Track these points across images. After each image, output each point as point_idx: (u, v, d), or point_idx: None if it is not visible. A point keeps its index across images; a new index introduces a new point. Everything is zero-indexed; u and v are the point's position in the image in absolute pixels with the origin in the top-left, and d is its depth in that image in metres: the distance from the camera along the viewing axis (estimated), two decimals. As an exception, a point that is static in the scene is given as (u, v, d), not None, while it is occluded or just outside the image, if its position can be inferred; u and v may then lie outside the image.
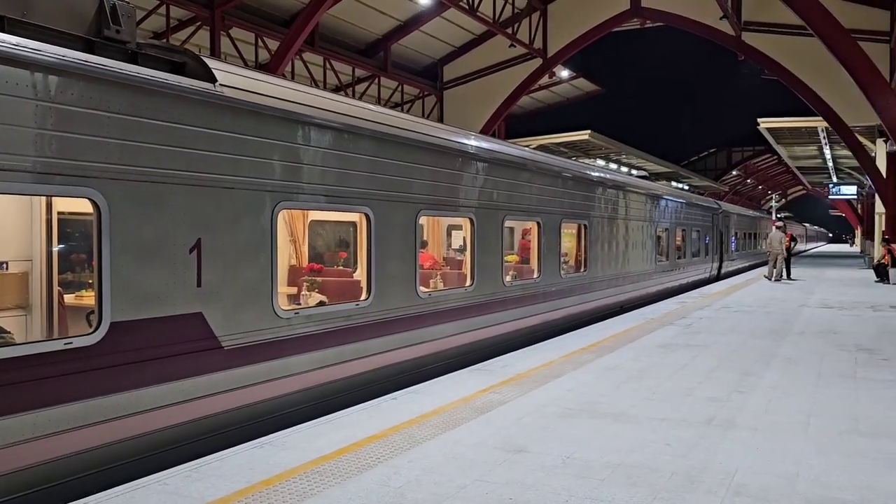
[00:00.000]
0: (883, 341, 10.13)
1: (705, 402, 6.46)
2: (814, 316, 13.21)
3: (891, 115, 14.64)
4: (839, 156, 40.39)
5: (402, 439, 5.29)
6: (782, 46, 24.86)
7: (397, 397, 6.62)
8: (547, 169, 11.41)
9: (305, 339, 6.28)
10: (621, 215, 15.16)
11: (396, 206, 7.57)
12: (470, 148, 9.11)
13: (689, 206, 22.44)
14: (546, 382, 7.27)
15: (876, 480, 4.46)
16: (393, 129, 7.54)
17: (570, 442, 5.25)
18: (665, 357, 8.79)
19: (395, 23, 25.32)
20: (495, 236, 9.67)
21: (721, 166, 67.70)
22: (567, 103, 35.86)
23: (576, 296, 12.60)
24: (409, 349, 7.83)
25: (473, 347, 9.21)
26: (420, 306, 7.97)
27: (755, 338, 10.43)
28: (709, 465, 4.72)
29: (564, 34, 27.62)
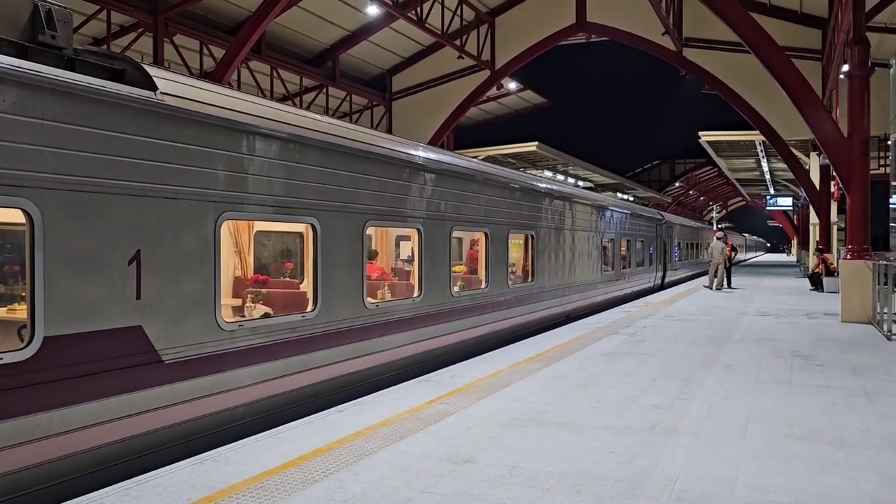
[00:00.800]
0: (817, 348, 10.48)
1: (649, 410, 6.57)
2: (753, 324, 13.59)
3: (823, 130, 15.19)
4: (776, 168, 41.77)
5: (349, 452, 5.24)
6: (721, 62, 25.61)
7: (344, 410, 6.55)
8: (494, 180, 11.50)
9: (250, 351, 6.18)
10: (568, 226, 15.37)
11: (343, 216, 7.52)
12: (418, 159, 9.13)
13: (634, 216, 22.90)
14: (493, 392, 7.30)
15: (810, 483, 4.60)
16: (340, 139, 7.50)
17: (516, 451, 5.28)
18: (610, 366, 8.92)
19: (343, 33, 25.22)
20: (443, 247, 9.69)
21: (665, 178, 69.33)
22: (515, 115, 36.22)
23: (523, 306, 12.70)
24: (357, 361, 7.77)
25: (422, 358, 9.20)
26: (367, 317, 7.92)
27: (697, 345, 10.67)
28: (651, 472, 4.80)
29: (512, 47, 27.92)
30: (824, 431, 5.83)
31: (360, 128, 8.52)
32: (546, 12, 27.14)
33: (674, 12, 25.05)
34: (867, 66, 14.21)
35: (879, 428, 5.90)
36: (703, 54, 25.98)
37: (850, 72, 14.34)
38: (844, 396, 7.16)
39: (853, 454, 5.19)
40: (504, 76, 28.74)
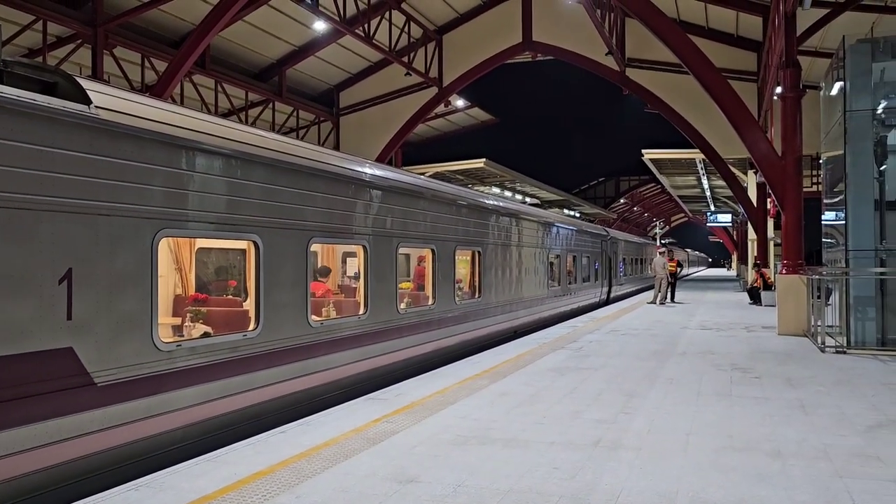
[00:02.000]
0: (755, 360, 10.76)
1: (593, 425, 6.62)
2: (694, 337, 13.89)
3: (758, 149, 15.71)
4: (716, 185, 43.05)
5: (291, 474, 5.13)
6: (663, 83, 26.34)
7: (287, 430, 6.43)
8: (441, 197, 11.53)
9: (188, 372, 6.01)
10: (515, 242, 15.49)
11: (287, 233, 7.42)
12: (364, 175, 9.09)
13: (580, 233, 23.23)
14: (440, 410, 7.26)
15: (748, 494, 4.69)
16: (284, 155, 7.41)
17: (461, 470, 5.25)
18: (556, 381, 8.98)
19: (289, 48, 25.08)
20: (389, 264, 9.64)
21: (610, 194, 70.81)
22: (463, 132, 36.49)
23: (470, 322, 12.72)
24: (301, 380, 7.64)
25: (368, 376, 9.11)
26: (312, 335, 7.81)
27: (641, 360, 10.84)
28: (595, 487, 4.83)
29: (459, 64, 28.18)
30: (761, 443, 5.96)
31: (306, 144, 8.44)
32: (493, 31, 27.52)
33: (617, 33, 25.67)
34: (799, 88, 14.77)
35: (813, 439, 6.07)
36: (646, 74, 26.68)
37: (783, 94, 14.89)
38: (780, 408, 7.34)
39: (788, 465, 5.32)
40: (451, 93, 28.98)
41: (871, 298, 11.98)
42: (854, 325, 12.04)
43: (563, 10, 25.94)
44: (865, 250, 12.02)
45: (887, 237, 12.23)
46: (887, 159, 12.41)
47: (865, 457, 5.52)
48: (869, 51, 12.20)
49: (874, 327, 11.96)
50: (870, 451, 5.67)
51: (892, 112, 12.51)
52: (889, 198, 12.38)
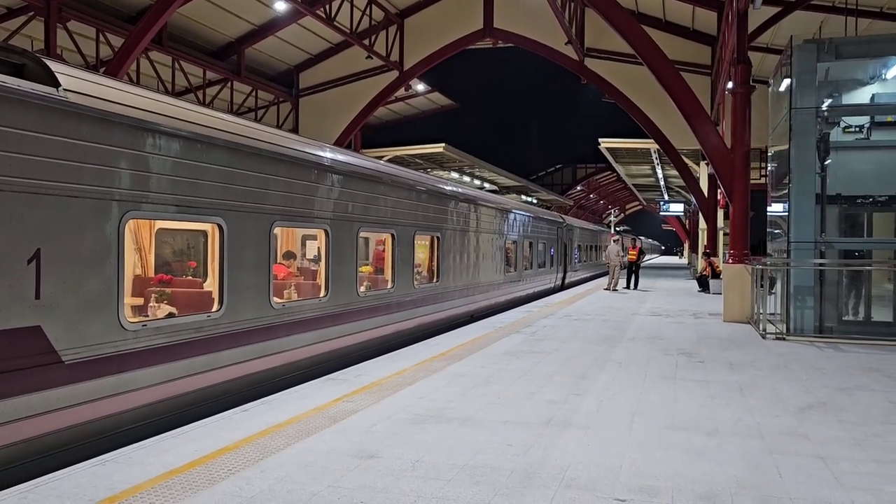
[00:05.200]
0: (700, 346, 11.26)
1: (545, 405, 6.95)
2: (644, 323, 14.39)
3: (709, 141, 16.24)
4: (669, 175, 43.96)
5: (255, 450, 5.32)
6: (620, 73, 26.80)
7: (250, 409, 6.60)
8: (402, 182, 11.71)
9: (153, 351, 6.14)
10: (473, 228, 15.77)
11: (250, 216, 7.55)
12: (326, 160, 9.22)
13: (537, 219, 23.64)
14: (398, 390, 7.51)
15: (686, 469, 5.05)
16: (248, 139, 7.52)
17: (419, 447, 5.50)
18: (510, 363, 9.30)
19: (249, 26, 24.79)
20: (350, 247, 9.82)
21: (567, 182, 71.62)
22: (423, 116, 36.57)
23: (429, 305, 12.97)
24: (263, 360, 7.80)
25: (328, 357, 9.30)
26: (273, 317, 7.97)
27: (592, 344, 11.24)
28: (545, 463, 5.14)
29: (420, 49, 28.23)
30: (701, 423, 6.35)
31: (269, 128, 8.54)
32: (455, 16, 27.60)
33: (576, 23, 26.00)
34: (749, 83, 15.29)
35: (748, 419, 6.49)
36: (604, 64, 27.10)
37: (734, 89, 15.40)
38: (721, 391, 7.78)
39: (724, 443, 5.71)
40: (412, 77, 29.01)
41: (811, 288, 12.60)
42: (794, 313, 12.65)
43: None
44: (806, 242, 12.61)
45: (826, 230, 12.86)
46: (829, 155, 13.01)
47: (795, 435, 5.95)
48: (815, 51, 12.73)
49: (812, 315, 12.58)
50: (800, 431, 6.10)
51: (835, 110, 13.09)
52: (829, 192, 13.00)
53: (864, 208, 13.79)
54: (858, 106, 13.43)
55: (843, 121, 13.32)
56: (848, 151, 13.27)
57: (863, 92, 13.55)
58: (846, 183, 13.14)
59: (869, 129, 13.37)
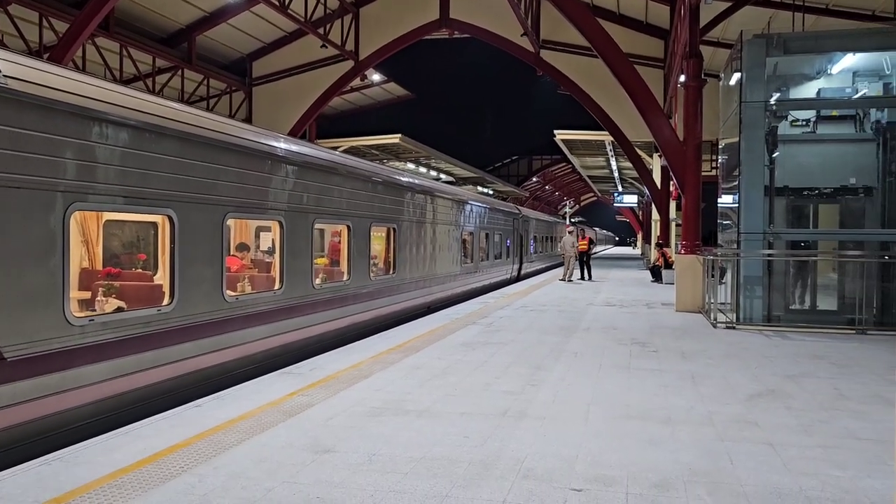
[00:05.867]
0: (653, 335, 11.44)
1: (502, 396, 6.97)
2: (599, 313, 14.57)
3: (662, 134, 16.49)
4: (623, 167, 44.54)
5: (208, 446, 5.22)
6: (575, 65, 27.02)
7: (203, 404, 6.47)
8: (357, 173, 11.61)
9: (101, 347, 5.96)
10: (429, 219, 15.73)
11: (202, 208, 7.38)
12: (280, 150, 9.07)
13: (493, 210, 23.72)
14: (354, 383, 7.45)
15: (640, 457, 5.12)
16: (199, 129, 7.34)
17: (376, 440, 5.47)
18: (467, 355, 9.31)
19: (200, 13, 24.25)
20: (305, 239, 9.69)
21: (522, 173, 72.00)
22: (379, 106, 36.33)
23: (385, 297, 12.91)
24: (216, 354, 7.66)
25: (283, 350, 9.18)
26: (227, 310, 7.82)
27: (548, 334, 11.33)
28: (502, 454, 5.15)
29: (376, 38, 28.02)
30: (655, 411, 6.45)
31: (221, 118, 8.36)
32: (410, 6, 27.46)
33: (532, 15, 26.10)
34: (701, 77, 15.55)
35: (700, 407, 6.61)
36: (559, 57, 27.29)
37: (686, 82, 15.65)
38: (674, 379, 7.91)
39: (677, 431, 5.80)
40: (368, 67, 28.79)
41: (759, 278, 12.91)
42: (743, 303, 12.95)
43: (480, -12, 26.15)
44: (756, 233, 12.90)
45: (775, 221, 13.18)
46: (777, 148, 13.33)
47: (745, 422, 6.08)
48: (764, 45, 13.00)
49: (761, 305, 12.90)
50: (749, 418, 6.24)
51: (783, 104, 13.41)
52: (777, 184, 13.33)
53: (811, 200, 14.17)
54: (805, 100, 13.79)
55: (790, 114, 13.66)
56: (795, 144, 13.62)
57: (809, 86, 13.90)
58: (793, 175, 13.49)
59: (815, 122, 13.73)
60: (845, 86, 13.69)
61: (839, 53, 13.22)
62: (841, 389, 7.45)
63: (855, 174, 13.50)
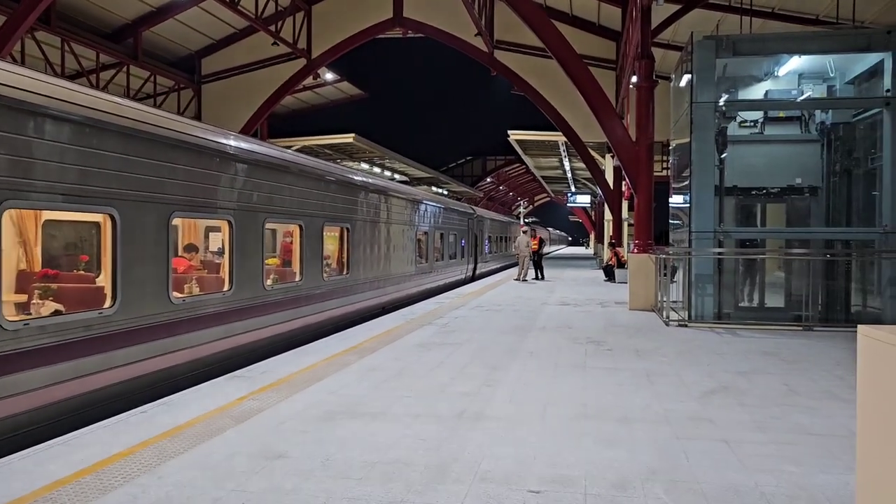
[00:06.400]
0: (608, 334, 11.49)
1: (458, 397, 6.87)
2: (554, 313, 14.60)
3: (615, 134, 16.65)
4: (576, 167, 44.97)
5: (152, 455, 4.99)
6: (529, 66, 27.16)
7: (148, 410, 6.21)
8: (310, 172, 11.38)
9: (37, 352, 5.66)
10: (383, 219, 15.56)
11: (146, 206, 7.10)
12: (229, 148, 8.82)
13: (447, 210, 23.65)
14: (307, 386, 7.26)
15: (598, 457, 5.07)
16: (144, 124, 7.06)
17: (329, 444, 5.31)
18: (423, 356, 9.19)
19: (146, 8, 23.61)
20: (255, 239, 9.44)
21: (477, 173, 72.18)
22: (332, 105, 35.96)
23: (339, 298, 12.71)
24: (162, 358, 7.38)
25: (233, 353, 8.93)
26: (173, 313, 7.55)
27: (504, 334, 11.28)
28: (458, 457, 5.05)
29: (329, 37, 27.70)
30: (611, 410, 6.43)
31: (168, 114, 8.07)
32: (363, 4, 27.24)
33: (486, 15, 26.13)
34: (652, 78, 15.74)
35: (656, 405, 6.62)
36: (513, 57, 27.39)
37: (638, 83, 15.82)
38: (629, 377, 7.93)
39: (634, 430, 5.78)
40: (321, 66, 28.46)
41: (710, 276, 13.09)
42: (695, 301, 13.11)
43: (434, -12, 26.08)
44: (706, 232, 13.07)
45: (724, 220, 13.40)
46: (727, 148, 13.55)
47: (700, 420, 6.10)
48: (714, 47, 13.18)
49: (712, 302, 13.08)
50: (704, 415, 6.26)
51: (732, 105, 13.64)
52: (727, 184, 13.55)
53: (759, 199, 14.47)
54: (752, 101, 14.06)
55: (739, 115, 13.90)
56: (743, 145, 13.86)
57: (757, 88, 14.18)
58: (742, 175, 13.73)
59: (763, 123, 14.01)
60: (791, 88, 14.01)
61: (786, 56, 13.49)
62: (791, 385, 7.56)
63: (800, 174, 13.81)
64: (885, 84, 12.78)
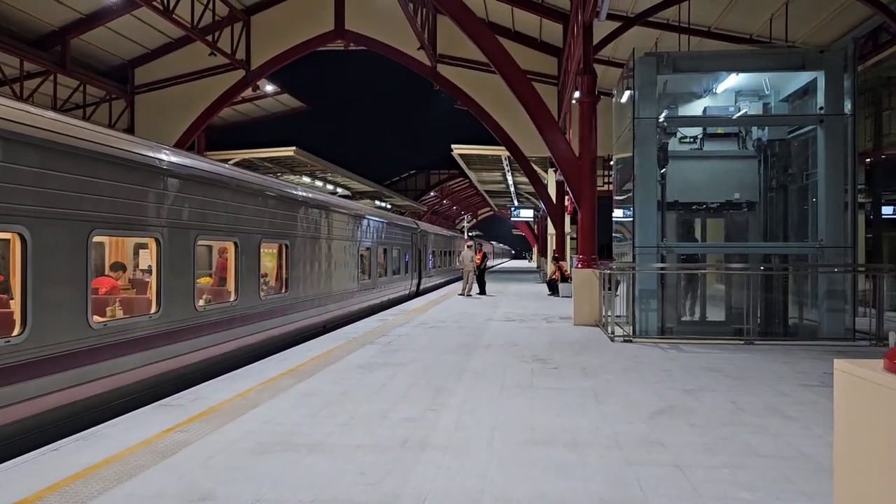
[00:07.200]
0: (554, 351, 11.32)
1: (401, 424, 6.54)
2: (499, 329, 14.39)
3: (558, 149, 16.65)
4: (519, 182, 45.21)
5: (62, 500, 4.51)
6: (472, 80, 27.12)
7: (61, 447, 5.68)
8: (246, 186, 10.93)
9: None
10: (325, 234, 15.14)
11: (63, 224, 6.58)
12: (158, 161, 8.33)
13: (391, 225, 23.31)
14: (240, 415, 6.82)
15: (548, 488, 4.82)
16: (61, 136, 6.56)
17: (262, 481, 4.92)
18: (364, 378, 8.83)
19: (75, 15, 22.65)
20: (186, 257, 8.95)
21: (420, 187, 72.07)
22: (272, 118, 35.26)
23: (277, 318, 12.23)
24: (80, 388, 6.84)
25: (162, 380, 8.40)
26: (94, 338, 7.01)
27: (448, 353, 10.99)
28: (402, 492, 4.72)
29: (268, 48, 27.13)
30: (560, 434, 6.19)
31: (88, 124, 7.55)
32: (304, 16, 26.79)
33: (429, 29, 26.01)
34: (595, 93, 15.78)
35: (605, 428, 6.41)
36: (456, 71, 27.32)
37: (581, 98, 15.83)
38: (576, 397, 7.73)
39: (585, 455, 5.56)
40: (260, 77, 27.85)
41: (654, 291, 13.09)
42: (639, 316, 13.09)
43: (376, 1, 25.82)
44: (650, 247, 13.08)
45: (666, 235, 13.45)
46: (668, 164, 13.63)
47: (651, 443, 5.92)
48: (655, 64, 13.26)
49: (656, 317, 13.08)
50: (654, 438, 6.09)
51: (672, 121, 13.74)
52: (668, 199, 13.62)
53: (699, 214, 14.61)
54: (691, 118, 14.20)
55: (679, 131, 14.03)
56: (684, 160, 13.98)
57: (697, 104, 14.35)
58: (682, 190, 13.83)
59: (702, 139, 14.16)
60: (729, 105, 14.21)
61: (724, 73, 13.68)
62: (738, 403, 7.48)
63: (739, 189, 14.00)
64: (818, 101, 13.09)
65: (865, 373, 2.35)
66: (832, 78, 12.90)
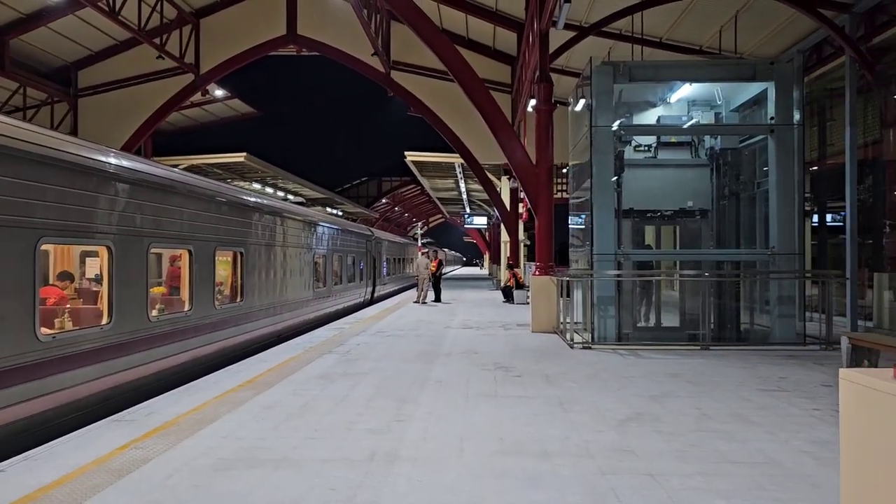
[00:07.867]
0: (515, 358, 11.27)
1: (367, 436, 6.37)
2: (458, 337, 14.29)
3: (515, 157, 16.66)
4: (472, 189, 45.39)
5: (11, 527, 4.23)
6: (426, 87, 27.05)
7: (7, 468, 5.35)
8: (200, 193, 10.61)
9: None
10: (279, 242, 14.84)
11: (8, 232, 6.23)
12: (108, 166, 7.99)
13: (345, 233, 23.05)
14: (198, 430, 6.55)
15: (523, 498, 4.72)
16: (3, 138, 6.22)
17: (226, 501, 4.70)
18: (325, 389, 8.62)
19: (14, 14, 21.80)
20: (138, 266, 8.61)
21: (372, 194, 71.71)
22: (222, 123, 34.59)
23: (232, 327, 11.90)
24: (26, 405, 6.48)
25: (114, 393, 8.05)
26: (41, 352, 6.66)
27: (409, 362, 10.84)
28: (374, 508, 4.57)
29: (218, 52, 26.59)
30: (530, 444, 6.11)
31: (33, 126, 7.19)
32: (255, 20, 26.36)
33: (383, 35, 25.86)
34: (551, 101, 15.86)
35: (575, 437, 6.36)
36: (410, 78, 27.23)
37: (538, 106, 15.90)
38: (542, 406, 7.67)
39: (557, 465, 5.48)
40: (209, 82, 27.26)
41: (612, 298, 13.17)
42: (598, 323, 13.15)
43: (329, 5, 25.58)
44: (608, 254, 13.18)
45: (622, 242, 13.57)
46: (624, 172, 13.77)
47: (622, 451, 5.88)
48: (611, 73, 13.39)
49: (614, 324, 13.16)
50: (625, 446, 6.06)
51: (627, 130, 13.89)
52: (624, 206, 13.76)
53: (654, 221, 14.81)
54: (645, 126, 14.40)
55: (634, 140, 14.19)
56: (639, 169, 14.13)
57: (651, 113, 14.56)
58: (638, 198, 13.99)
59: (656, 148, 14.35)
60: (682, 114, 14.46)
61: (678, 83, 13.90)
62: (703, 409, 7.53)
63: (692, 197, 14.22)
64: (768, 112, 13.40)
65: (875, 382, 2.32)
66: (782, 88, 13.24)
